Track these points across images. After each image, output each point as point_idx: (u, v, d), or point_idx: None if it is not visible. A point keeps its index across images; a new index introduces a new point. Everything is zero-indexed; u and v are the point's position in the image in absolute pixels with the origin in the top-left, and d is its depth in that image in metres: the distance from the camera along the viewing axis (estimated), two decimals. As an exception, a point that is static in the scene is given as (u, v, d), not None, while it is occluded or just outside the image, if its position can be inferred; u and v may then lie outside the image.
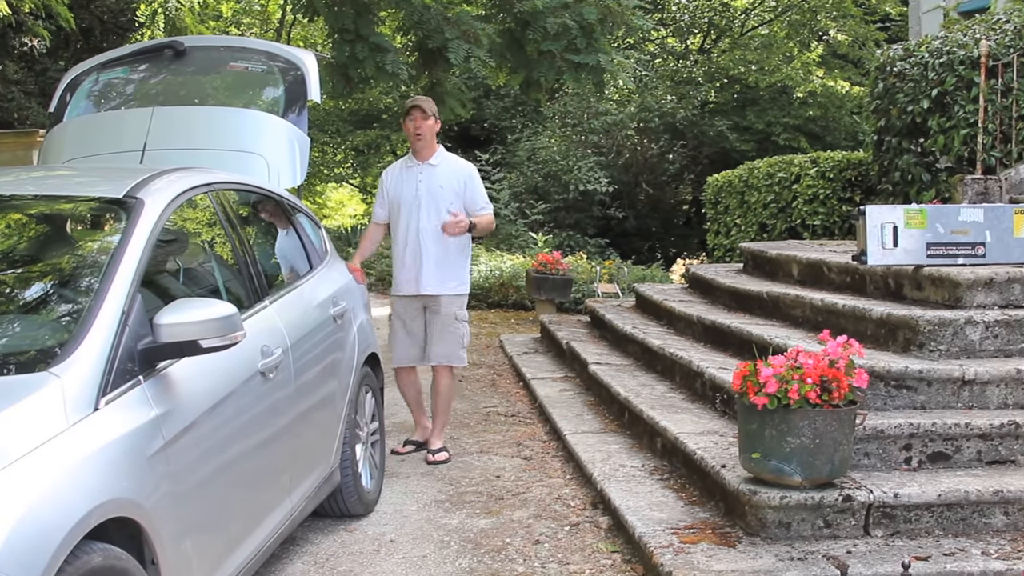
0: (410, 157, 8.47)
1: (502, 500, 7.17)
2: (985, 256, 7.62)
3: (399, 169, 8.48)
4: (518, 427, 9.22)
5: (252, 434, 5.00)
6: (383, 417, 7.64)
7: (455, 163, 8.52)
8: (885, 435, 6.20)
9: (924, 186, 12.20)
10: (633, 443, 7.94)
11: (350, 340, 6.75)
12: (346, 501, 6.65)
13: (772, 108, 28.45)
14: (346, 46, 13.83)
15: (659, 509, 6.30)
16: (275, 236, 6.70)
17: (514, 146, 27.31)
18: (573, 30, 14.33)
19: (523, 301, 17.25)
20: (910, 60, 12.52)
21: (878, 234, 7.56)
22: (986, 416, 6.40)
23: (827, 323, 7.56)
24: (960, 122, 11.74)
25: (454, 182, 8.34)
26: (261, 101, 8.15)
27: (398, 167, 8.50)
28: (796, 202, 15.83)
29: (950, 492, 5.81)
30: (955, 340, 6.96)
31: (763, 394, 5.49)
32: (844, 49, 30.77)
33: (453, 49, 14.01)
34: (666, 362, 8.97)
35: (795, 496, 5.65)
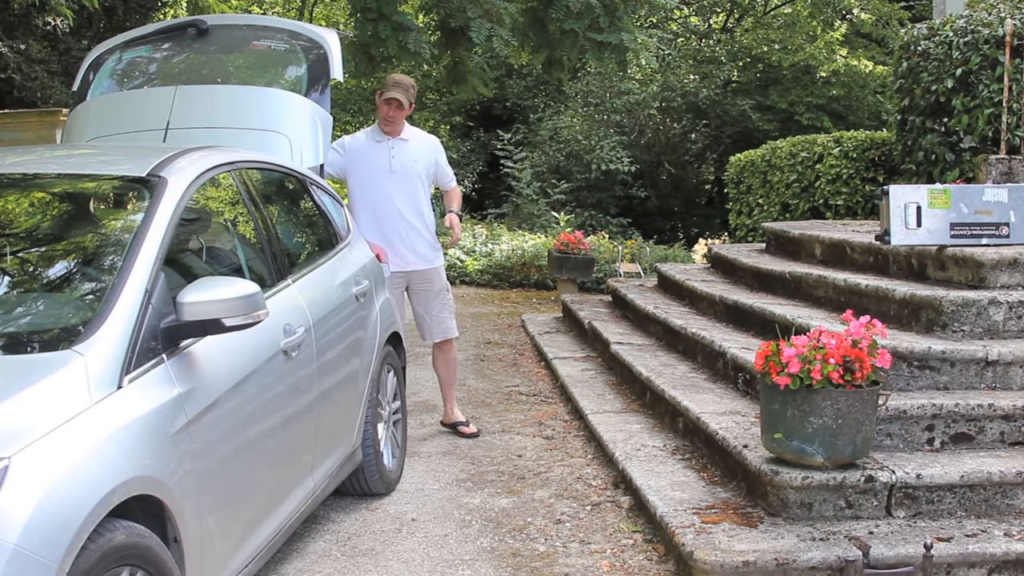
0: (377, 131, 8.28)
1: (523, 479, 7.18)
2: (1009, 236, 7.58)
3: (365, 140, 8.30)
4: (540, 407, 9.22)
5: (274, 413, 5.02)
6: (405, 396, 7.65)
7: (424, 138, 8.47)
8: (908, 416, 6.19)
9: (948, 166, 12.15)
10: (655, 423, 7.94)
11: (372, 319, 6.76)
12: (368, 480, 6.66)
13: (795, 87, 28.34)
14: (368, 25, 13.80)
15: (680, 489, 6.30)
16: (298, 215, 6.71)
17: (536, 125, 27.28)
18: (596, 9, 14.27)
19: (545, 280, 17.25)
20: (934, 39, 12.45)
21: (901, 214, 7.53)
22: (1009, 397, 6.38)
23: (850, 303, 7.54)
24: (984, 102, 11.68)
25: (426, 157, 8.33)
26: (284, 80, 8.15)
27: (363, 137, 8.33)
28: (819, 182, 15.77)
29: (973, 473, 5.80)
30: (978, 321, 6.94)
31: (785, 374, 5.48)
32: (867, 28, 30.65)
33: (476, 28, 13.97)
34: (688, 342, 8.96)
35: (817, 476, 5.65)
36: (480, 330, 13.19)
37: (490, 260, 18.20)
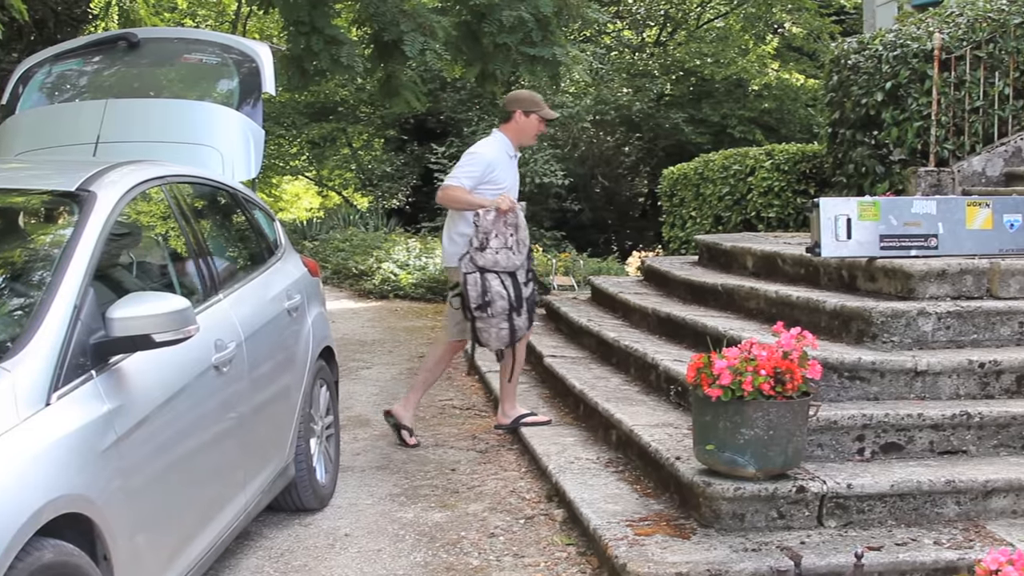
0: (508, 145, 8.36)
1: (457, 493, 7.17)
2: (938, 248, 7.67)
3: (502, 155, 8.31)
4: (474, 420, 9.22)
5: (206, 428, 4.99)
6: (338, 411, 7.63)
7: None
8: (838, 426, 6.24)
9: (878, 178, 12.27)
10: (588, 436, 7.96)
11: (304, 333, 6.74)
12: (301, 495, 6.63)
13: (727, 101, 28.51)
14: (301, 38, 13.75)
15: (614, 501, 6.31)
16: (229, 229, 6.68)
17: (470, 139, 27.10)
18: (529, 23, 14.30)
19: (479, 294, 17.20)
20: (864, 53, 12.58)
21: (832, 226, 7.60)
22: (938, 407, 6.45)
23: (781, 315, 7.59)
24: (913, 114, 11.82)
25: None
26: (215, 93, 8.11)
27: (500, 153, 8.30)
28: (751, 194, 15.89)
29: (903, 482, 5.86)
30: (908, 331, 7.01)
31: (717, 386, 5.51)
32: (799, 42, 30.90)
33: (409, 42, 13.96)
34: (621, 354, 9.00)
35: (749, 487, 5.68)
36: (414, 344, 13.17)
37: (424, 274, 18.18)
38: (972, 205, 7.82)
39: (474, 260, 7.91)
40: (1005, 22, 11.85)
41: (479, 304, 7.91)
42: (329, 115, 30.55)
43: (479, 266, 7.90)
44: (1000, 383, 6.75)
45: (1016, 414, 6.42)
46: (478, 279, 7.90)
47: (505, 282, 7.96)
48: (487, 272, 7.91)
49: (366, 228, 24.92)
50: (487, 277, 7.91)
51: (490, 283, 7.91)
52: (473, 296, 7.91)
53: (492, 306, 7.91)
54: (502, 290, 7.93)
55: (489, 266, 7.91)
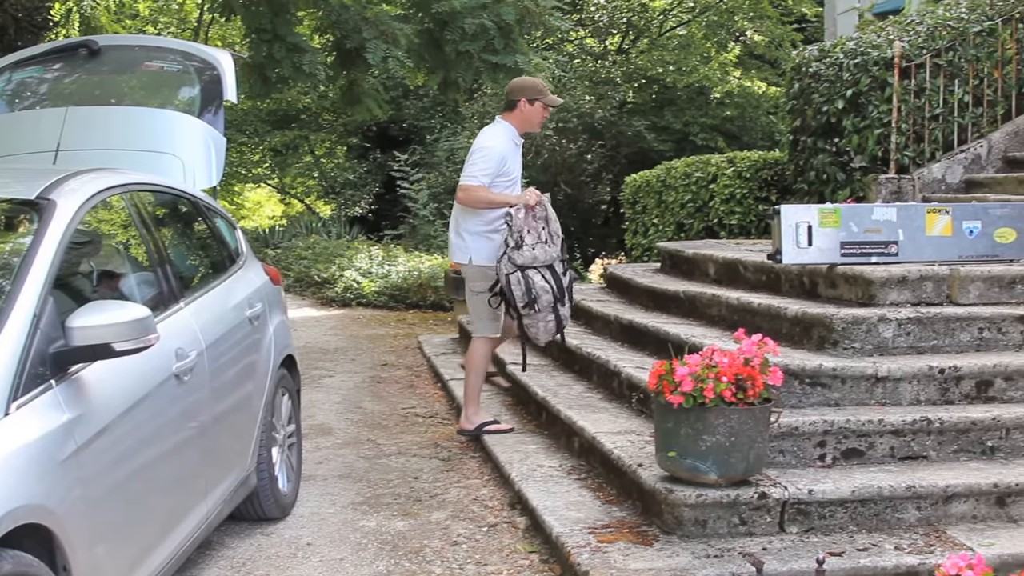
0: (514, 133, 8.41)
1: (420, 501, 7.16)
2: (898, 254, 7.72)
3: (510, 144, 8.37)
4: (436, 428, 9.21)
5: (166, 438, 4.97)
6: (300, 419, 7.61)
7: None
8: (800, 432, 6.26)
9: (839, 185, 12.32)
10: (551, 443, 7.97)
11: (266, 342, 6.72)
12: (263, 504, 6.61)
13: (690, 108, 28.58)
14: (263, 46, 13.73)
15: (576, 509, 6.32)
16: (190, 238, 6.66)
17: (433, 146, 27.25)
18: (491, 31, 14.32)
19: (442, 302, 17.22)
20: (825, 61, 12.63)
21: (793, 233, 7.63)
22: (899, 412, 6.48)
23: (743, 322, 7.61)
24: (874, 122, 11.87)
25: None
26: (177, 101, 8.09)
27: (508, 143, 8.35)
28: (713, 201, 15.91)
29: (864, 488, 5.89)
30: (868, 338, 7.05)
31: (679, 393, 5.53)
32: (761, 50, 31.00)
33: (371, 49, 13.96)
34: (584, 361, 9.01)
35: (711, 494, 5.70)
36: (376, 352, 13.16)
37: (387, 281, 18.16)
38: (932, 212, 7.87)
39: (513, 260, 7.93)
40: (964, 30, 11.93)
41: (526, 302, 7.95)
42: (291, 123, 30.51)
43: (519, 265, 7.93)
44: (960, 389, 6.79)
45: (976, 419, 6.46)
46: (520, 277, 7.94)
47: (546, 276, 8.02)
48: (527, 269, 7.96)
49: (328, 236, 24.89)
50: (528, 274, 7.95)
51: (533, 279, 7.96)
52: (518, 295, 7.94)
53: (538, 301, 7.96)
54: (545, 284, 7.99)
55: (529, 263, 7.96)
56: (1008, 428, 6.50)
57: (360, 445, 8.63)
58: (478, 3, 14.35)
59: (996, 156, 11.76)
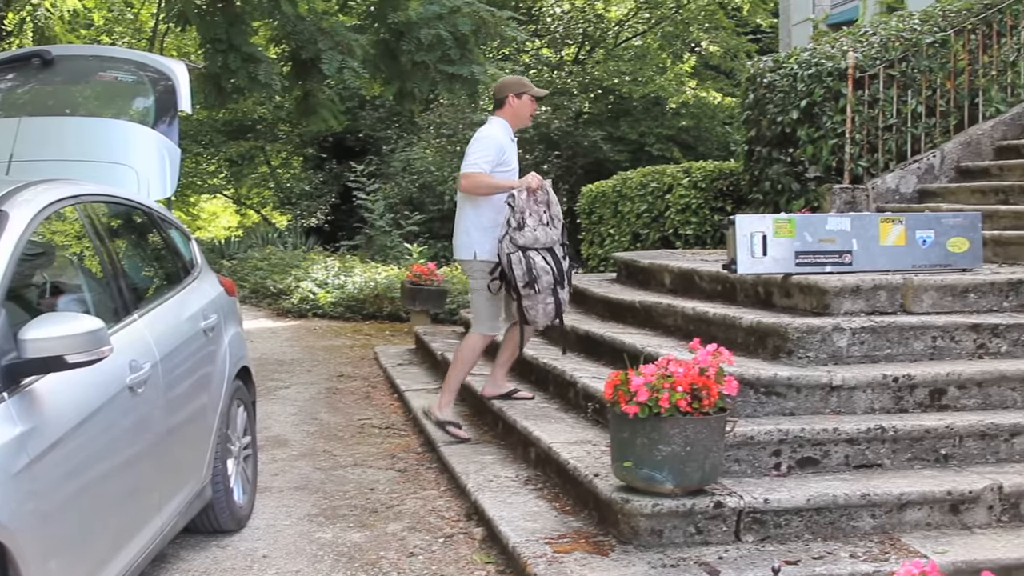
0: (510, 129, 8.47)
1: (376, 513, 7.14)
2: (852, 264, 7.76)
3: (506, 138, 8.42)
4: (393, 439, 9.20)
5: (120, 450, 4.94)
6: (255, 431, 7.58)
7: None
8: (755, 441, 6.29)
9: (794, 195, 12.39)
10: (507, 454, 7.96)
11: (221, 353, 6.69)
12: (218, 517, 6.57)
13: (645, 118, 28.66)
14: (219, 56, 13.72)
15: (533, 519, 6.32)
16: (144, 249, 6.62)
17: (389, 157, 27.26)
18: (447, 41, 14.36)
19: (398, 312, 17.22)
20: (780, 71, 12.70)
21: (748, 243, 7.66)
22: (853, 421, 6.52)
23: (698, 331, 7.63)
24: (828, 132, 11.94)
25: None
26: (131, 111, 8.06)
27: (505, 136, 8.41)
28: (669, 212, 15.96)
29: (819, 496, 5.91)
30: (823, 347, 7.08)
31: (634, 403, 5.54)
32: (716, 60, 31.14)
33: (327, 60, 13.97)
34: (540, 372, 9.01)
35: (667, 504, 5.71)
36: (333, 363, 13.13)
37: (343, 292, 18.13)
38: (885, 222, 7.91)
39: (514, 240, 7.96)
40: (917, 41, 12.01)
41: (526, 282, 7.95)
42: (247, 133, 30.43)
43: (520, 245, 7.97)
44: (914, 397, 6.84)
45: (930, 427, 6.50)
46: (521, 257, 7.96)
47: (547, 258, 8.06)
48: (529, 250, 7.99)
49: (285, 247, 24.84)
50: (530, 254, 7.98)
51: (534, 260, 7.99)
52: (519, 275, 7.95)
53: (539, 282, 7.97)
54: (546, 265, 8.03)
55: (530, 244, 8.00)
56: (961, 436, 6.54)
57: (316, 457, 8.60)
58: (434, 14, 14.38)
59: (949, 166, 11.85)
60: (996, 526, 6.06)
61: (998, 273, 8.04)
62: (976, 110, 12.30)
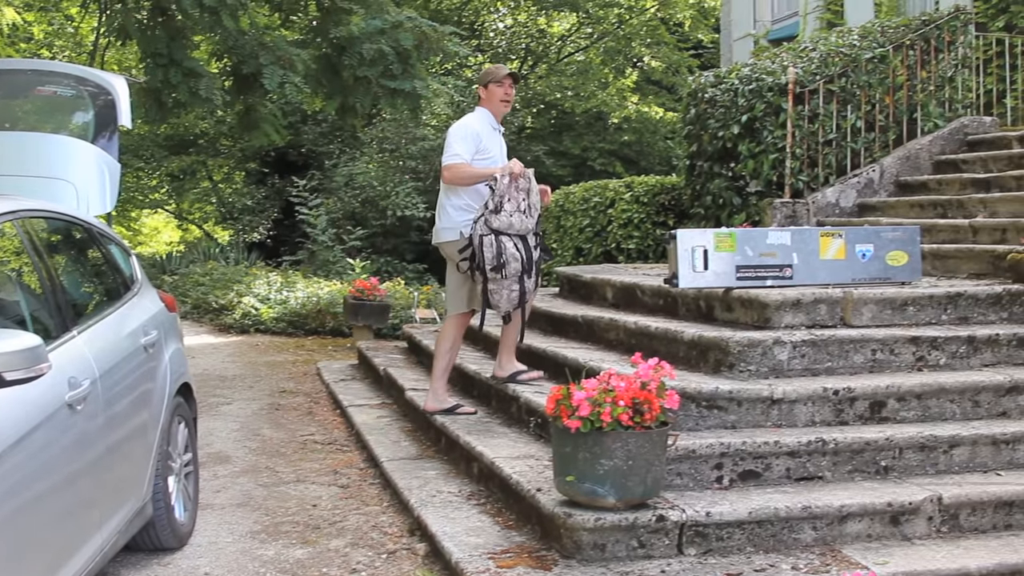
0: (491, 117, 8.55)
1: (319, 529, 7.11)
2: (792, 278, 7.82)
3: (486, 126, 8.50)
4: (335, 455, 9.16)
5: (59, 468, 4.89)
6: (197, 448, 7.53)
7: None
8: (697, 455, 6.30)
9: (735, 209, 12.47)
10: (450, 469, 7.95)
11: (161, 370, 6.65)
12: (159, 534, 6.52)
13: (588, 133, 28.77)
14: (159, 70, 13.65)
15: (476, 534, 6.31)
16: (84, 265, 6.57)
17: (332, 172, 27.18)
18: (389, 56, 14.35)
19: (341, 328, 17.18)
20: (721, 86, 12.78)
21: (689, 257, 7.69)
22: (794, 434, 6.55)
23: (640, 346, 7.66)
24: (769, 147, 12.03)
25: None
26: (70, 126, 8.01)
27: (483, 125, 8.49)
28: (611, 226, 16.02)
29: (760, 509, 5.93)
30: (764, 360, 7.12)
31: (576, 417, 5.54)
32: (658, 75, 31.32)
33: (268, 75, 13.93)
34: (482, 387, 9.01)
35: (609, 518, 5.71)
36: (275, 379, 13.07)
37: (285, 308, 18.06)
38: (825, 236, 7.97)
39: (488, 223, 8.00)
40: (857, 57, 12.13)
41: (494, 266, 7.98)
42: (189, 148, 30.29)
43: (493, 228, 8.00)
44: (854, 410, 6.88)
45: (870, 440, 6.54)
46: (493, 241, 7.99)
47: (518, 245, 8.06)
48: (501, 235, 8.01)
49: (227, 262, 24.73)
50: (501, 239, 8.00)
51: (505, 245, 8.00)
52: (488, 257, 7.98)
53: (507, 268, 7.99)
54: (516, 252, 8.03)
55: (504, 228, 8.01)
56: (901, 448, 6.59)
57: (258, 473, 8.56)
58: (376, 29, 14.38)
59: (888, 180, 11.97)
60: (936, 537, 6.11)
61: (937, 286, 8.12)
62: (915, 125, 12.44)
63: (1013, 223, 9.44)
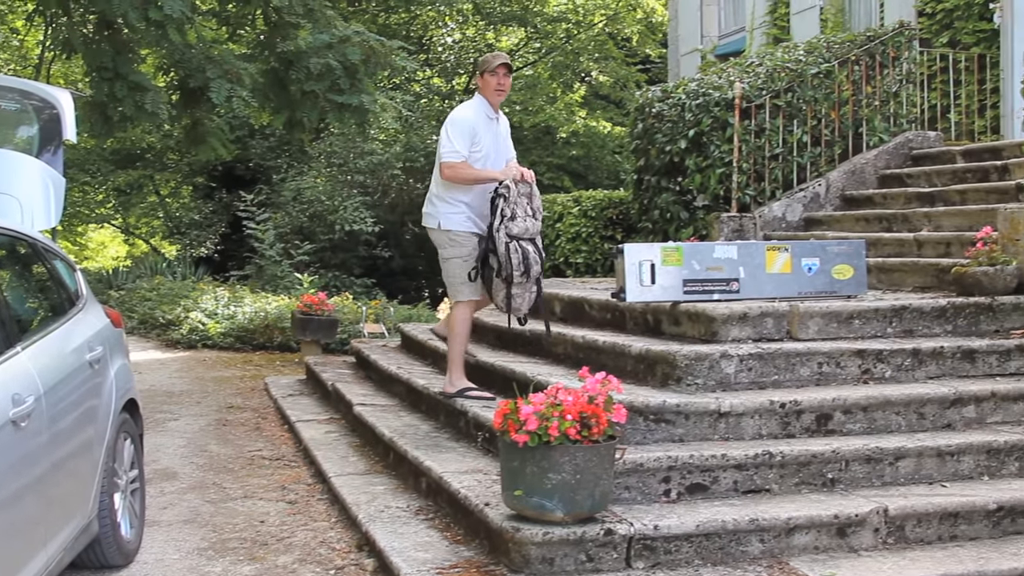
0: (487, 106, 8.50)
1: (266, 546, 7.07)
2: (739, 291, 7.86)
3: (481, 116, 8.45)
4: (283, 471, 9.12)
5: (3, 485, 4.84)
6: (143, 464, 7.48)
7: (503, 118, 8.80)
8: (644, 468, 6.32)
9: (682, 224, 12.52)
10: (399, 484, 7.93)
11: (107, 386, 6.60)
12: (105, 551, 6.47)
13: (536, 148, 28.81)
14: (105, 84, 13.56)
15: (424, 549, 6.30)
16: (28, 280, 6.52)
17: (279, 186, 27.09)
18: (336, 71, 14.32)
19: (289, 343, 17.12)
20: (668, 101, 12.85)
21: (636, 271, 7.73)
22: (741, 447, 6.58)
23: (588, 360, 7.67)
24: (716, 161, 12.10)
25: (507, 132, 8.80)
26: (14, 140, 7.94)
27: (479, 115, 8.45)
28: (559, 240, 16.05)
29: (708, 522, 5.95)
30: (711, 374, 7.15)
31: (524, 432, 5.55)
32: (606, 90, 31.43)
33: (215, 88, 13.87)
34: (431, 401, 9.00)
35: (557, 532, 5.71)
36: (222, 394, 13.00)
37: (233, 323, 17.98)
38: (772, 250, 8.02)
39: (509, 231, 8.01)
40: (802, 72, 12.22)
41: (522, 271, 8.03)
42: (136, 162, 30.11)
43: (514, 235, 8.02)
44: (800, 422, 6.92)
45: (816, 452, 6.58)
46: (517, 246, 8.02)
47: (536, 247, 8.16)
48: (522, 240, 8.04)
49: (174, 277, 24.59)
50: (523, 244, 8.04)
51: (527, 249, 8.05)
52: (515, 263, 8.01)
53: (531, 271, 8.05)
54: (535, 255, 8.10)
55: (521, 234, 8.05)
56: (847, 460, 6.63)
57: (206, 489, 8.51)
58: (323, 43, 14.35)
59: (834, 194, 12.06)
60: (882, 548, 6.15)
61: (882, 299, 8.19)
62: (860, 139, 12.55)
63: (957, 237, 9.52)
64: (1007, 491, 6.53)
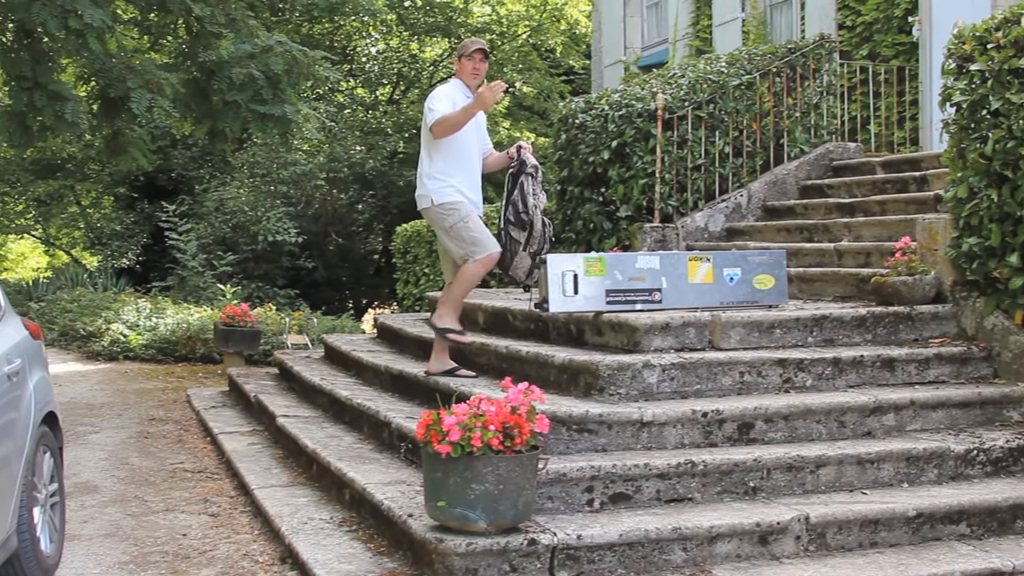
0: (463, 87, 8.61)
1: (188, 559, 7.02)
2: (662, 302, 7.91)
3: (459, 94, 8.52)
4: (205, 483, 9.06)
5: (-82, 500, 4.79)
6: (63, 478, 7.40)
7: None
8: (568, 478, 6.33)
9: (606, 234, 12.57)
10: (322, 495, 7.90)
11: (25, 399, 6.52)
12: (24, 567, 6.39)
13: (461, 158, 28.77)
14: (24, 94, 13.41)
15: (347, 561, 6.28)
16: (-56, 292, 6.44)
17: (202, 196, 26.92)
18: (259, 80, 14.25)
19: (211, 354, 17.02)
20: (591, 112, 12.89)
21: (559, 282, 7.75)
22: (664, 456, 6.61)
23: (512, 370, 7.69)
24: (639, 172, 12.16)
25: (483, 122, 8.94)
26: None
27: (457, 93, 8.54)
28: (483, 250, 16.04)
29: (631, 531, 5.98)
30: (634, 383, 7.18)
31: (447, 442, 5.55)
32: (530, 101, 31.50)
33: (136, 98, 13.75)
34: (354, 413, 8.97)
35: (481, 542, 5.71)
36: (144, 406, 12.89)
37: (154, 334, 17.84)
38: (694, 260, 8.08)
39: (538, 207, 8.27)
40: (724, 84, 12.32)
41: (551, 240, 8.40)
42: (56, 172, 29.80)
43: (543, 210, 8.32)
44: (723, 431, 6.97)
45: (738, 461, 6.63)
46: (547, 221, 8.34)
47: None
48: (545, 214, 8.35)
49: (95, 288, 24.36)
50: (544, 220, 8.29)
51: (547, 222, 8.32)
52: (549, 235, 8.33)
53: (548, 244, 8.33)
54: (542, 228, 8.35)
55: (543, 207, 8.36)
56: (769, 468, 6.69)
57: (127, 502, 8.44)
58: (246, 53, 14.28)
59: (756, 205, 12.16)
60: (804, 556, 6.20)
61: (803, 309, 8.27)
62: (782, 150, 12.68)
63: (877, 247, 9.63)
64: (926, 498, 6.61)
